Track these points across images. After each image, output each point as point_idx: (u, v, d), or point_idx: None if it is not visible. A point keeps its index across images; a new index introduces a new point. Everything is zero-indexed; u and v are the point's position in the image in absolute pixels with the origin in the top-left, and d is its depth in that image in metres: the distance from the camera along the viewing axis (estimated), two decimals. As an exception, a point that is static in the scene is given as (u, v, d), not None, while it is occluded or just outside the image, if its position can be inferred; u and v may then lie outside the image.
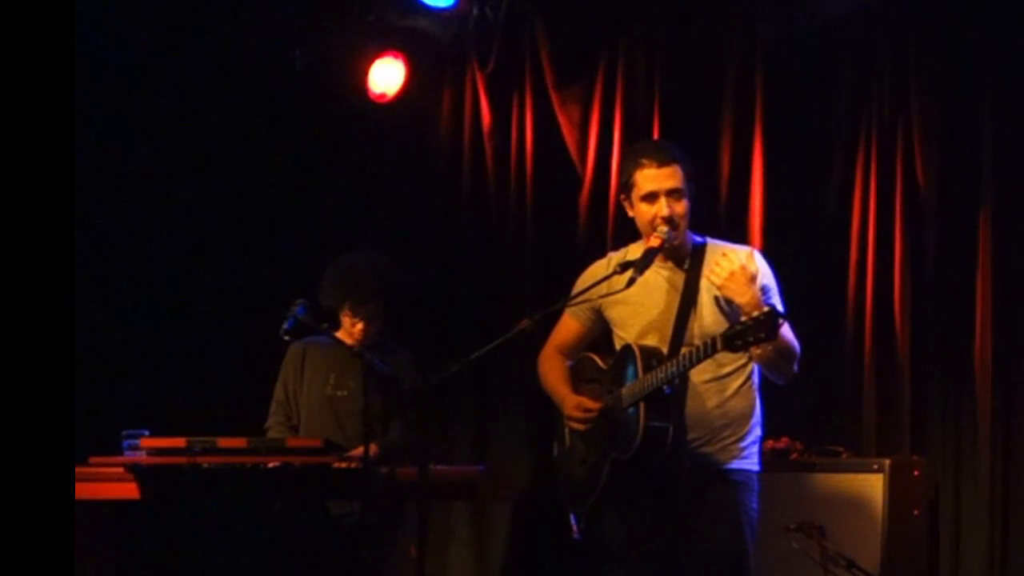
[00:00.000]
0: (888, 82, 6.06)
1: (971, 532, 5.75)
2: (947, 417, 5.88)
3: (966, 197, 5.89)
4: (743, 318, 4.15)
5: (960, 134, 5.93)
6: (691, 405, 4.40)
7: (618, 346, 4.58)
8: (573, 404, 4.49)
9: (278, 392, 5.73)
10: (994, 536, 5.70)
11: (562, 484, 4.68)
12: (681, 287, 4.46)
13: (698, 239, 4.56)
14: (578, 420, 4.47)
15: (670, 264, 4.52)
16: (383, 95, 6.93)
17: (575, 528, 4.57)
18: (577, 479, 4.55)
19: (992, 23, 5.85)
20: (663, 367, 4.28)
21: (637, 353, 4.37)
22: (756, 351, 4.18)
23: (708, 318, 4.42)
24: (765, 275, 4.47)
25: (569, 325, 4.69)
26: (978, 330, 5.77)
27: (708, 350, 4.20)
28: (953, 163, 5.94)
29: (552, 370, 4.70)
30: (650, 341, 4.44)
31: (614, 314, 4.58)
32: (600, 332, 4.69)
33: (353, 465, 5.08)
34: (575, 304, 4.59)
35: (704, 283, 4.44)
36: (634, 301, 4.50)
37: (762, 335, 4.03)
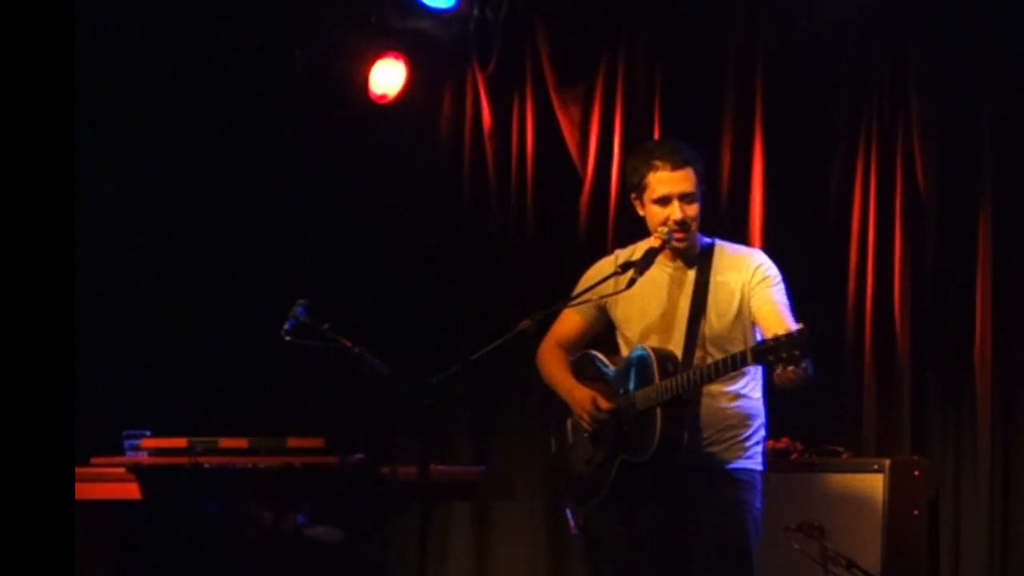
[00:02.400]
0: (888, 82, 6.06)
1: (971, 532, 5.76)
2: (947, 417, 5.89)
3: (966, 197, 5.89)
4: (777, 333, 4.08)
5: (960, 134, 5.93)
6: (701, 405, 4.40)
7: (621, 344, 4.57)
8: (587, 398, 4.47)
9: None
10: (994, 536, 5.71)
11: (563, 481, 4.66)
12: (690, 289, 4.46)
13: (706, 240, 4.55)
14: (591, 417, 4.45)
15: (679, 264, 4.51)
16: (384, 96, 6.93)
17: (572, 523, 4.56)
18: (581, 477, 4.54)
19: (992, 24, 5.86)
20: (683, 376, 4.27)
21: (653, 358, 4.35)
22: (785, 372, 4.06)
23: (721, 318, 4.41)
24: (774, 277, 4.45)
25: (572, 320, 4.66)
26: (978, 330, 5.77)
27: (736, 363, 4.17)
28: (953, 163, 5.94)
29: (555, 363, 4.66)
30: (653, 341, 4.43)
31: (619, 312, 4.57)
32: (602, 329, 4.68)
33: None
34: (578, 302, 4.58)
35: (712, 285, 4.44)
36: (640, 301, 4.50)
37: (796, 352, 3.95)
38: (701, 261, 4.49)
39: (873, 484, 5.47)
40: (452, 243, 6.96)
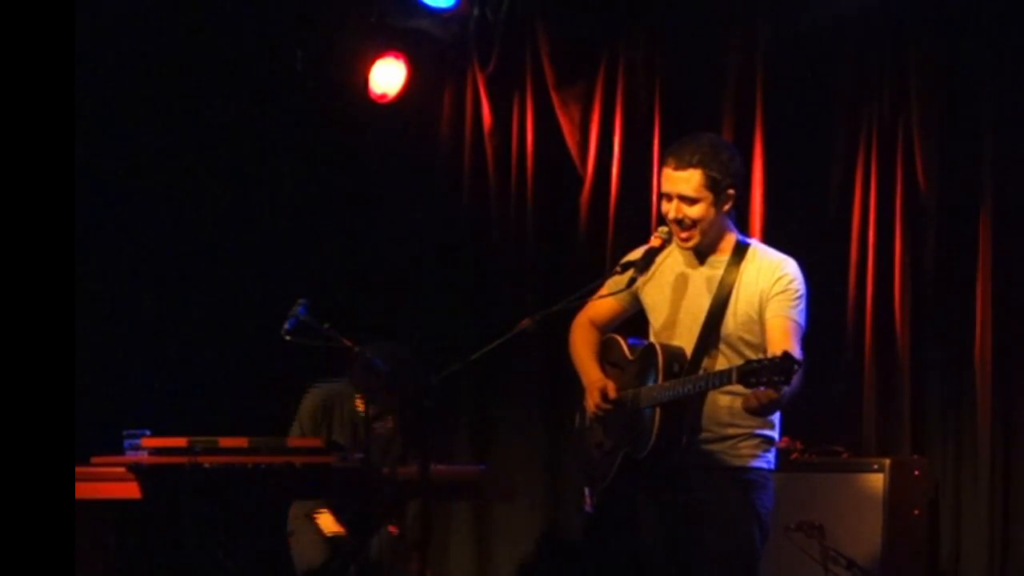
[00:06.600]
0: (888, 82, 6.07)
1: (971, 532, 5.76)
2: (947, 417, 5.89)
3: (966, 197, 5.90)
4: (748, 354, 4.18)
5: (960, 134, 5.93)
6: (704, 404, 4.39)
7: (649, 331, 4.57)
8: (598, 386, 4.45)
9: (294, 432, 5.79)
10: (994, 535, 5.71)
11: (578, 459, 4.67)
12: (715, 287, 4.45)
13: (743, 240, 4.52)
14: (596, 404, 4.46)
15: (709, 261, 4.48)
16: (384, 95, 6.94)
17: (588, 500, 4.57)
18: (592, 461, 4.56)
19: (992, 24, 5.86)
20: (683, 380, 4.27)
21: (660, 356, 4.35)
22: (758, 394, 4.08)
23: (739, 320, 4.40)
24: (794, 291, 4.39)
25: (607, 300, 4.62)
26: (978, 330, 5.78)
27: (723, 379, 4.17)
28: (953, 163, 5.94)
29: (584, 343, 4.64)
30: (670, 335, 4.44)
31: (647, 299, 4.56)
32: (635, 312, 4.65)
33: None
34: (566, 304, 4.56)
35: (738, 284, 4.43)
36: (666, 292, 4.49)
37: (776, 378, 3.97)
38: (732, 261, 4.47)
39: (873, 484, 5.48)
40: (452, 242, 6.96)
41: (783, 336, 4.24)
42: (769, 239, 6.00)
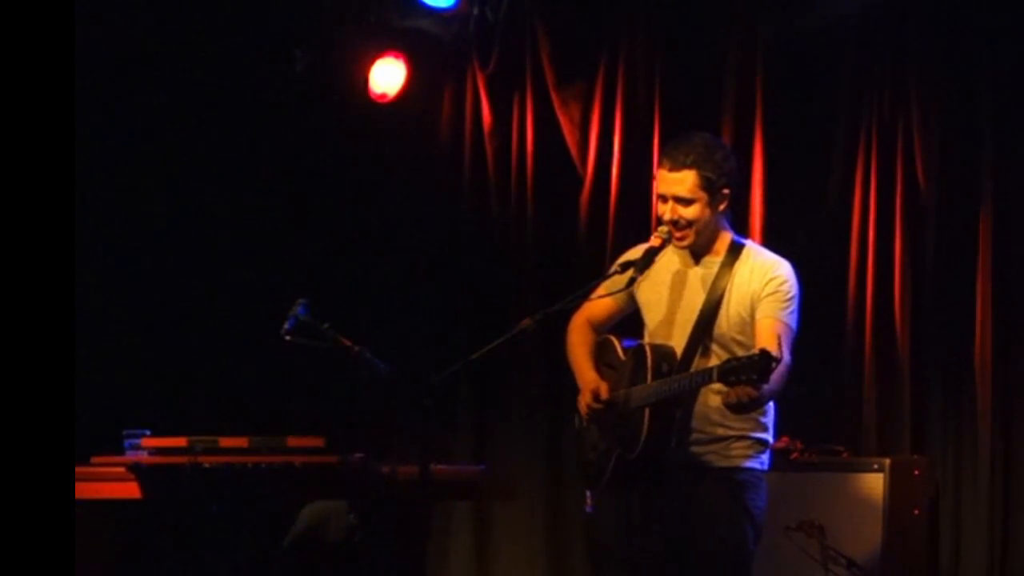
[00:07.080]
0: (888, 82, 6.07)
1: (971, 532, 5.76)
2: (947, 417, 5.89)
3: (966, 197, 5.90)
4: (740, 354, 4.19)
5: (960, 134, 5.93)
6: (696, 404, 4.40)
7: (644, 330, 4.59)
8: (590, 387, 4.48)
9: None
10: (994, 535, 5.71)
11: (578, 459, 4.70)
12: (708, 287, 4.46)
13: (738, 240, 4.54)
14: (588, 405, 4.47)
15: (704, 261, 4.50)
16: (384, 95, 6.93)
17: (589, 501, 4.58)
18: (589, 461, 4.59)
19: (992, 24, 5.86)
20: (669, 380, 4.29)
21: (649, 357, 4.37)
22: (737, 391, 4.10)
23: (732, 320, 4.41)
24: (786, 293, 4.41)
25: (603, 300, 4.65)
26: (978, 330, 5.78)
27: (704, 378, 4.20)
28: (953, 163, 5.94)
29: (580, 344, 4.67)
30: (663, 334, 4.46)
31: (642, 297, 4.59)
32: (631, 311, 4.67)
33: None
34: (569, 301, 4.57)
35: (731, 284, 4.44)
36: (660, 290, 4.51)
37: (754, 376, 4.00)
38: (726, 261, 4.48)
39: (873, 484, 5.48)
40: (452, 243, 6.96)
41: (769, 337, 4.25)
42: (769, 239, 6.03)
